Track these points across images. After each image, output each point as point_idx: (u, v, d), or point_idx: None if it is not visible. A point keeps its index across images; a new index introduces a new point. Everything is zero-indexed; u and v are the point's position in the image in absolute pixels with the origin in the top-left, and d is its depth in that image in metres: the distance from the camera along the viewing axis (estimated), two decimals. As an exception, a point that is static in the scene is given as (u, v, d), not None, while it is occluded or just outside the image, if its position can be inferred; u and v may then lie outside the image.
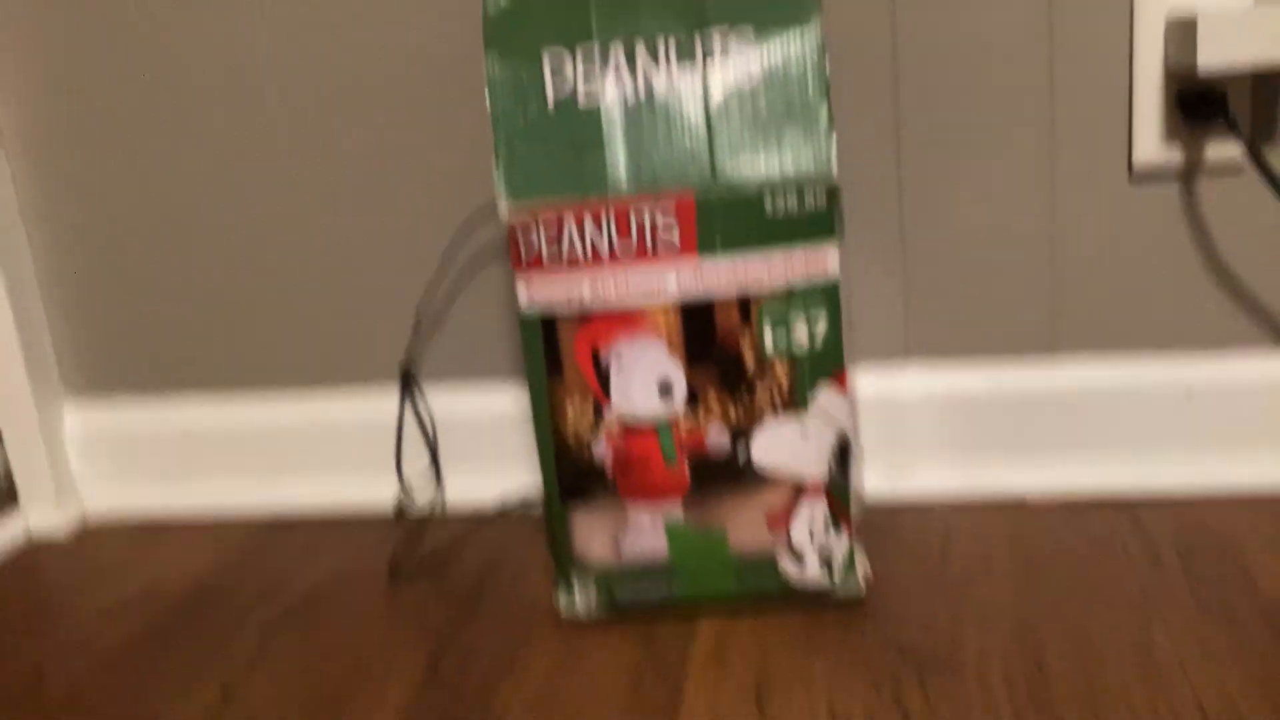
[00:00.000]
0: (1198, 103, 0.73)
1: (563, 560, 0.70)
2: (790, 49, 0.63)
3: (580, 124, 0.64)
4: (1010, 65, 0.77)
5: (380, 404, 0.91)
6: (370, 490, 0.92)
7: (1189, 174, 0.76)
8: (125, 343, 0.95)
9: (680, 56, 0.64)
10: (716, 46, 0.64)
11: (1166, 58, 0.73)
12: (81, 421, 0.97)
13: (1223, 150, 0.75)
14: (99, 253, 0.93)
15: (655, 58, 0.64)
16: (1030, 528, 0.77)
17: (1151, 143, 0.75)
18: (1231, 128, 0.72)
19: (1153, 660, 0.61)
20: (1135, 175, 0.77)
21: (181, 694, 0.68)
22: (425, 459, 0.91)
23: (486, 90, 0.65)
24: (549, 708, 0.62)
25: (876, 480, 0.84)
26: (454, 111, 0.84)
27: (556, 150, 0.64)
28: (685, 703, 0.61)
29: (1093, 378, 0.80)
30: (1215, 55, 0.68)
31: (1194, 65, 0.68)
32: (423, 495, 0.91)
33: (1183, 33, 0.70)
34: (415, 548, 0.85)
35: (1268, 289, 0.77)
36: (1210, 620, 0.64)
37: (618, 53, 0.64)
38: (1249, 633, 0.62)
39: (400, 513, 0.91)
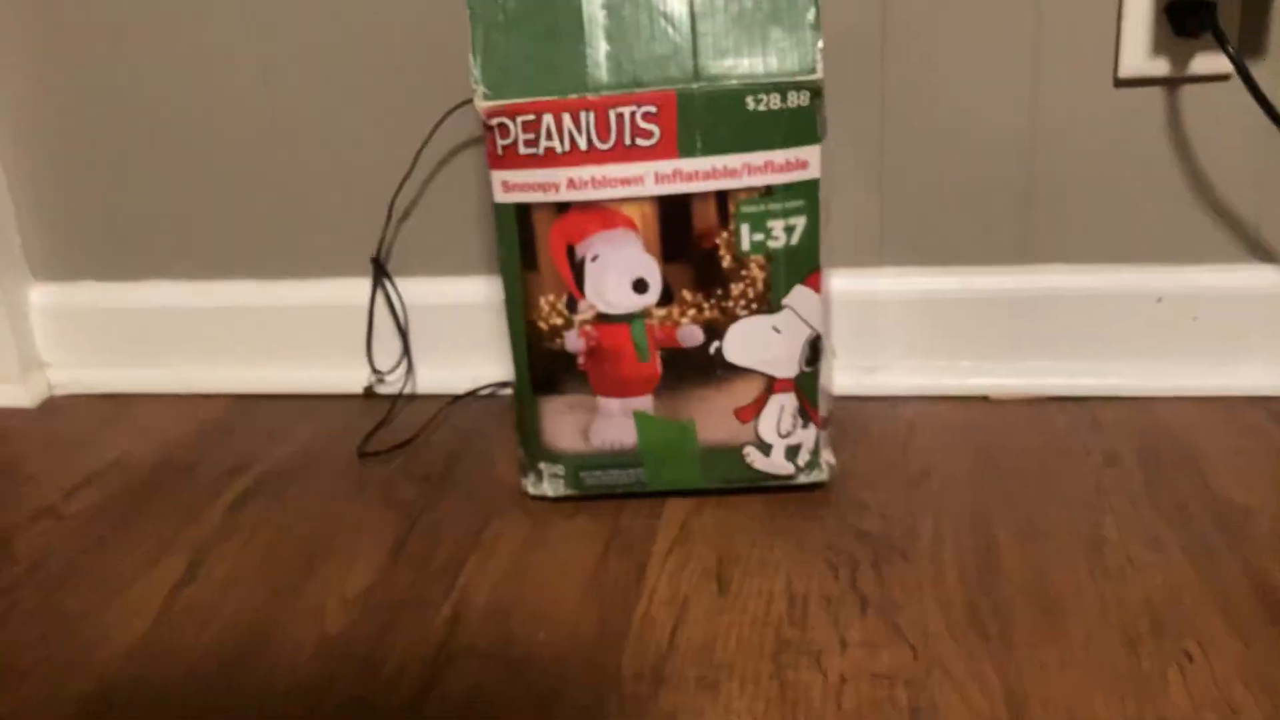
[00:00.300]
0: (1187, 14, 0.73)
1: (531, 447, 0.71)
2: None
3: (560, 15, 0.63)
4: (1003, -36, 0.75)
5: (353, 293, 0.91)
6: (342, 374, 0.93)
7: (1174, 84, 0.76)
8: (99, 232, 0.94)
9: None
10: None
11: (1160, -35, 0.73)
12: (49, 302, 0.96)
13: (1210, 63, 0.75)
14: (69, 142, 0.92)
15: (640, -46, 0.63)
16: (992, 423, 0.79)
17: (1139, 53, 0.75)
18: (1219, 40, 0.71)
19: (1101, 552, 0.63)
20: (1120, 83, 0.77)
21: (149, 564, 0.69)
22: (397, 348, 0.91)
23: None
24: (514, 583, 0.64)
25: (847, 377, 0.85)
26: (432, 1, 0.83)
27: (535, 43, 0.63)
28: (648, 580, 0.64)
29: (1064, 283, 0.81)
30: (1209, -36, 0.67)
31: (1187, -26, 0.68)
32: (394, 380, 0.92)
33: (1178, -60, 0.69)
34: (385, 427, 0.86)
35: (1242, 202, 0.78)
36: (1161, 516, 0.66)
37: (602, -53, 0.63)
38: (1197, 529, 0.65)
39: (370, 393, 0.92)
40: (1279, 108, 0.74)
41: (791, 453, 0.70)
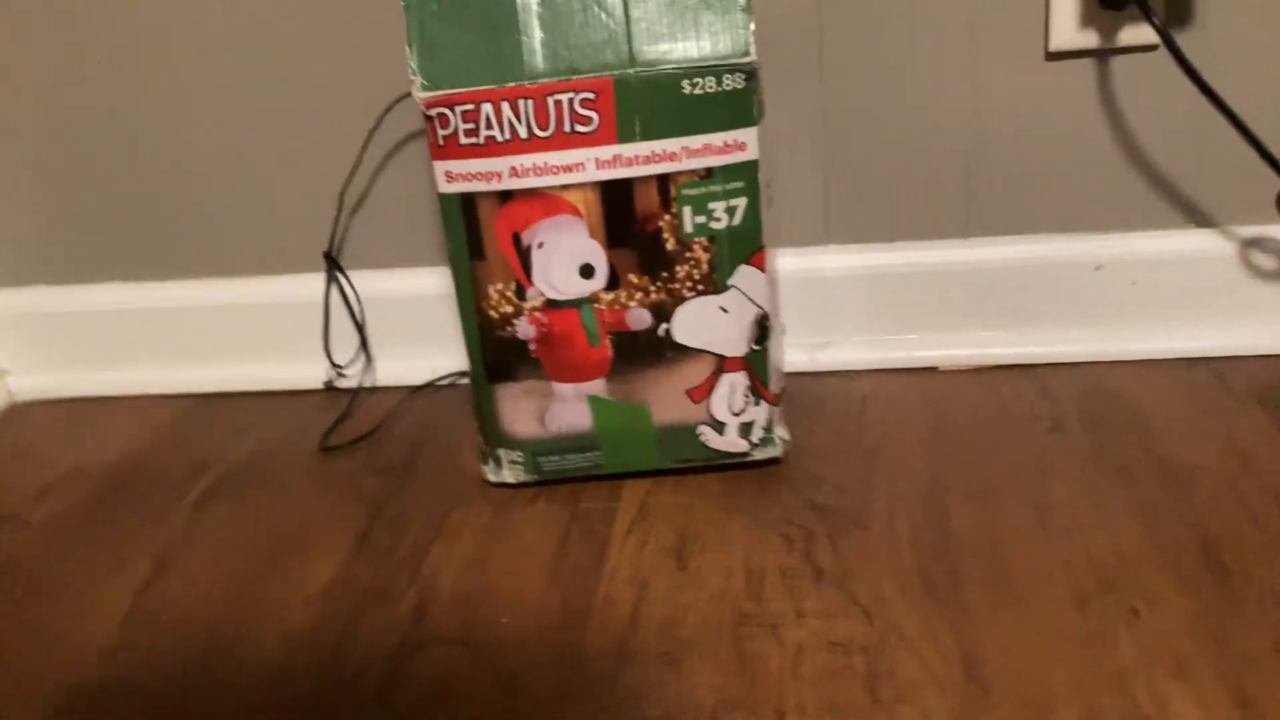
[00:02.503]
0: (1114, -15, 0.74)
1: (490, 435, 0.72)
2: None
3: (494, 5, 0.63)
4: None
5: (308, 288, 0.91)
6: (301, 370, 0.93)
7: (1104, 56, 0.78)
8: (49, 236, 0.94)
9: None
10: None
11: (1086, -62, 0.74)
12: (4, 309, 0.96)
13: (1138, 34, 0.76)
14: (15, 146, 0.91)
15: (571, -55, 0.63)
16: (942, 393, 0.81)
17: (1068, 26, 0.76)
18: (1144, 12, 0.73)
19: (1051, 516, 0.65)
20: (1051, 56, 0.78)
21: (116, 567, 0.70)
22: (355, 342, 0.92)
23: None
24: (478, 570, 0.65)
25: (799, 354, 0.86)
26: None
27: (471, 34, 0.63)
28: (609, 561, 0.65)
29: (1005, 254, 0.83)
30: (1133, -64, 0.69)
31: (1112, -54, 0.69)
32: (354, 374, 0.92)
33: (1102, -87, 0.70)
34: (345, 421, 0.86)
35: (1176, 168, 0.80)
36: (1107, 479, 0.68)
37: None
38: (1142, 490, 0.67)
39: (330, 388, 0.92)
40: (1205, 76, 0.75)
41: (745, 430, 0.71)
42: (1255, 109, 0.77)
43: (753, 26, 0.63)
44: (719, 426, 0.71)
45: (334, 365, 0.92)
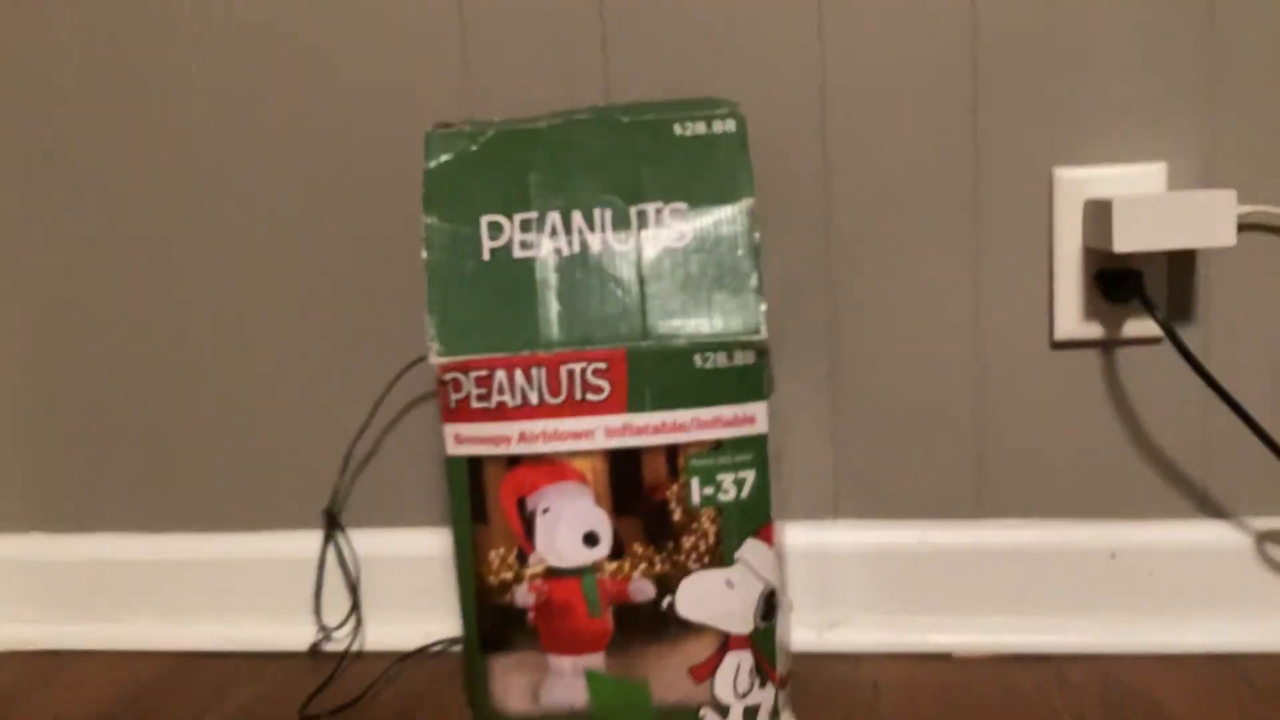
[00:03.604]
0: (1116, 281, 0.77)
1: (480, 710, 0.69)
2: (722, 220, 0.66)
3: (514, 276, 0.66)
4: (937, 237, 0.80)
5: (302, 545, 0.90)
6: (289, 630, 0.90)
7: (1109, 346, 0.79)
8: (51, 484, 0.94)
9: (615, 225, 0.66)
10: (651, 218, 0.66)
11: (1085, 237, 0.77)
12: (-2, 555, 0.95)
13: (1141, 327, 0.78)
14: (24, 394, 0.93)
15: (591, 225, 0.66)
16: (957, 682, 0.77)
17: (1072, 318, 0.79)
18: (1147, 307, 0.75)
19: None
20: (1056, 345, 0.80)
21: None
22: (347, 603, 0.89)
23: (424, 244, 0.67)
24: None
25: (805, 633, 0.83)
26: (392, 257, 0.86)
27: (490, 302, 0.65)
28: None
29: (1018, 538, 0.81)
30: (1129, 237, 0.72)
31: (1110, 246, 0.72)
32: (342, 636, 0.89)
33: (1099, 215, 0.74)
34: (329, 687, 0.83)
35: (1184, 458, 0.80)
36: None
37: (554, 219, 0.66)
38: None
39: (316, 651, 0.89)
40: (1211, 367, 0.77)
41: (750, 715, 0.67)
42: (1259, 400, 0.78)
43: (764, 306, 0.65)
44: (723, 710, 0.67)
45: (322, 628, 0.89)
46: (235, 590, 0.91)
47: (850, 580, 0.83)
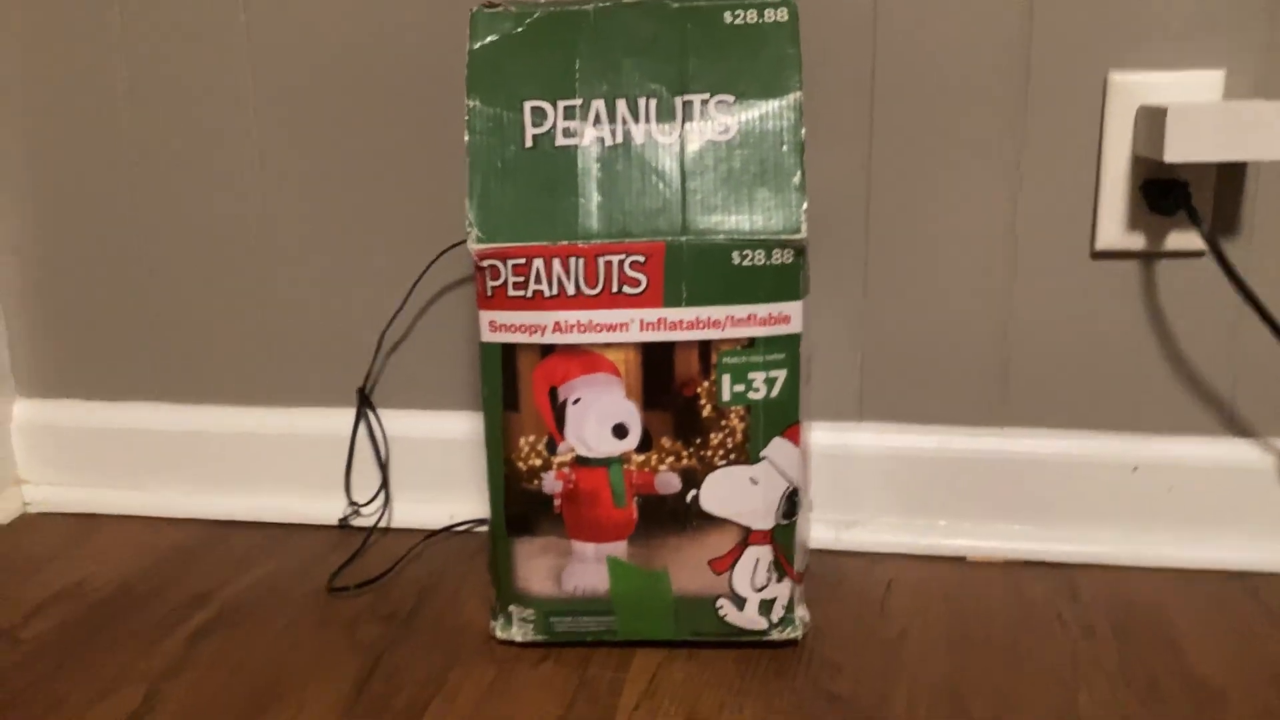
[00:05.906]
0: (1162, 192, 0.75)
1: (503, 589, 0.70)
2: (768, 115, 0.65)
3: (555, 164, 0.65)
4: (983, 139, 0.78)
5: (334, 422, 0.91)
6: (318, 505, 0.92)
7: (1150, 259, 0.78)
8: (88, 351, 0.95)
9: (660, 117, 0.65)
10: (696, 111, 0.65)
11: (1135, 145, 0.75)
12: (33, 419, 0.96)
13: (1184, 240, 0.77)
14: (62, 260, 0.93)
15: (635, 115, 0.65)
16: (969, 586, 0.78)
17: (1115, 228, 0.77)
18: (1193, 219, 0.74)
19: (1073, 732, 0.62)
20: (1097, 255, 0.79)
21: (104, 694, 0.67)
22: (376, 480, 0.90)
23: (466, 128, 0.66)
24: (478, 735, 0.62)
25: (824, 531, 0.85)
26: (432, 140, 0.85)
27: (530, 190, 0.65)
28: (614, 738, 0.62)
29: (1040, 448, 0.81)
30: (1182, 147, 0.70)
31: (1161, 155, 0.70)
32: (370, 513, 0.91)
33: (1151, 122, 0.72)
34: (356, 561, 0.84)
35: (1214, 375, 0.79)
36: (1135, 693, 0.65)
37: (599, 106, 0.65)
38: (1173, 708, 0.63)
39: (345, 525, 0.91)
40: (1252, 285, 0.76)
41: (765, 607, 0.69)
42: (1299, 324, 0.77)
43: (805, 205, 0.64)
44: (739, 601, 0.69)
45: (352, 503, 0.91)
46: (266, 463, 0.92)
47: (870, 482, 0.84)
